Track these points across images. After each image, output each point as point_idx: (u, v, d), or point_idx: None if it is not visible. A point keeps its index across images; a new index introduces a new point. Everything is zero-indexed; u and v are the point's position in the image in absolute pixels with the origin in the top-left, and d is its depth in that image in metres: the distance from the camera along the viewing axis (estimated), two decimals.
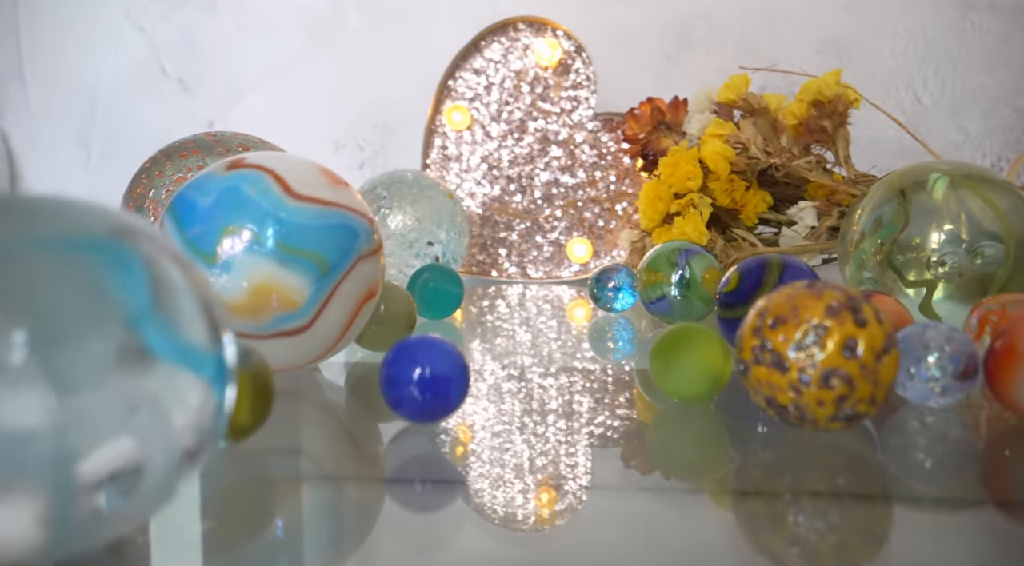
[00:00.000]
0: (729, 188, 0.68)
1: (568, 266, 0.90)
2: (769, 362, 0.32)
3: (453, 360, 0.35)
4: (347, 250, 0.41)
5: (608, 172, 0.89)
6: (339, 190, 0.43)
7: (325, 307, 0.41)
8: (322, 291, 0.40)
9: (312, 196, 0.41)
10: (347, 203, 0.43)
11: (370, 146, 1.10)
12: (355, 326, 0.43)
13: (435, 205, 0.73)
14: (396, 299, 0.50)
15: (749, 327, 0.34)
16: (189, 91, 1.12)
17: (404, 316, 0.50)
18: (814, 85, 0.72)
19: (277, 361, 0.42)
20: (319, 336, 0.41)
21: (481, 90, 0.90)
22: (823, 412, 0.32)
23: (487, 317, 0.70)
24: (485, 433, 0.38)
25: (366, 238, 0.43)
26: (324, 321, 0.41)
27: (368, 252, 0.43)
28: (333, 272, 0.41)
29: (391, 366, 0.35)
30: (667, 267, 0.58)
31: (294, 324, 0.40)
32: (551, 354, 0.54)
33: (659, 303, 0.59)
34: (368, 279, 0.43)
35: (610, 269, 0.66)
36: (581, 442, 0.36)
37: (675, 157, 0.69)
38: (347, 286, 0.41)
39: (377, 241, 0.44)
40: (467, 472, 0.33)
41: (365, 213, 0.44)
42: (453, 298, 0.62)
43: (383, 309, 0.50)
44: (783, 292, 0.34)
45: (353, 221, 0.42)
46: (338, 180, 0.44)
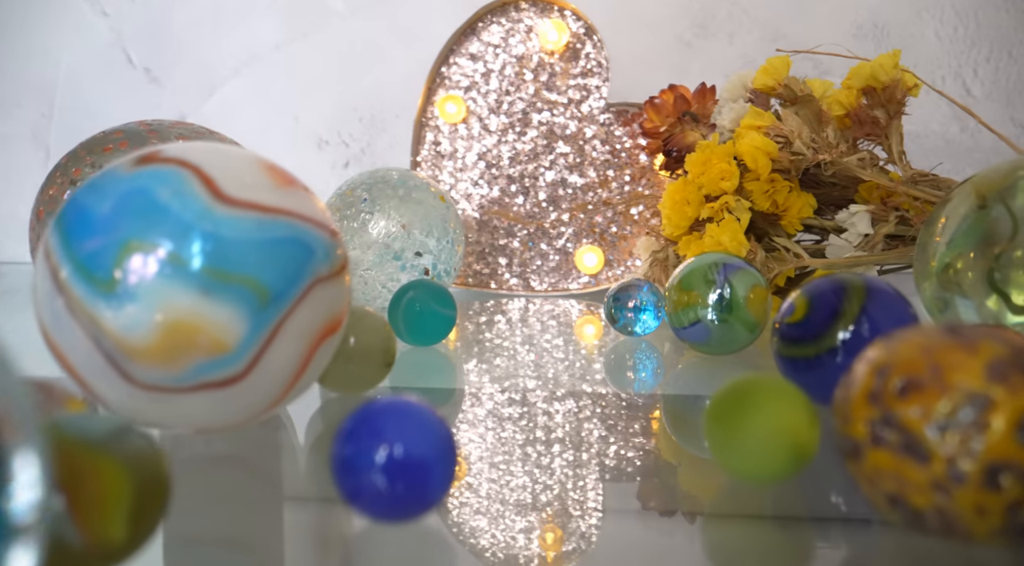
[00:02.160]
0: (770, 189, 0.58)
1: (576, 277, 0.80)
2: (897, 446, 0.22)
3: (434, 434, 0.25)
4: (297, 272, 0.31)
5: (622, 171, 0.78)
6: (289, 193, 0.32)
7: (267, 349, 0.30)
8: (262, 328, 0.30)
9: (250, 201, 0.31)
10: (299, 209, 0.32)
11: (356, 142, 1.00)
12: (310, 371, 0.33)
13: (424, 209, 0.63)
14: (369, 330, 0.40)
15: (862, 390, 0.24)
16: (157, 82, 1.02)
17: (380, 351, 0.40)
18: (866, 69, 0.61)
19: (201, 420, 0.32)
20: (258, 387, 0.31)
21: (478, 78, 0.80)
22: (985, 523, 0.22)
23: (485, 335, 0.63)
24: (482, 464, 0.34)
25: (324, 256, 0.33)
26: (265, 368, 0.31)
27: (328, 274, 0.33)
28: (277, 302, 0.30)
29: (347, 443, 0.25)
30: (703, 285, 0.48)
31: (223, 373, 0.30)
32: (557, 376, 0.49)
33: (693, 329, 0.49)
34: (328, 309, 0.33)
35: (630, 286, 0.56)
36: (591, 476, 0.32)
37: (706, 153, 0.59)
38: (297, 320, 0.31)
39: (340, 258, 0.34)
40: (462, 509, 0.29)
41: (324, 222, 0.33)
42: (444, 322, 0.52)
43: (353, 342, 0.39)
44: (912, 341, 0.23)
45: (306, 234, 0.32)
46: (288, 179, 0.33)
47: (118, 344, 0.29)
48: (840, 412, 0.25)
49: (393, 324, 0.52)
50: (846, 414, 0.24)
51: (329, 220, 0.34)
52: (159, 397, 0.29)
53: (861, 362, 0.24)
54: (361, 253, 0.61)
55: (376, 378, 0.40)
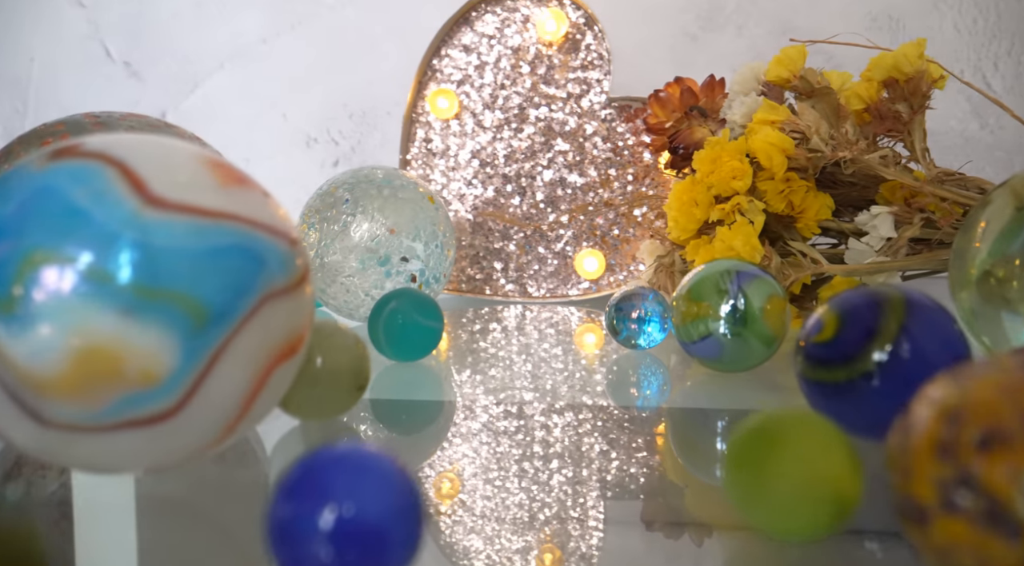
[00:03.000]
0: (786, 189, 0.53)
1: (576, 283, 0.75)
2: (978, 515, 0.18)
3: (396, 492, 0.20)
4: (243, 287, 0.26)
5: (625, 170, 0.74)
6: (236, 193, 0.28)
7: (205, 378, 0.26)
8: (198, 354, 0.25)
9: (186, 203, 0.26)
10: (247, 213, 0.27)
11: (346, 140, 0.96)
12: (262, 401, 0.28)
13: (411, 210, 0.58)
14: (339, 349, 0.35)
15: (928, 440, 0.19)
16: (137, 76, 0.97)
17: (350, 373, 0.35)
18: (888, 59, 0.57)
19: (128, 463, 0.27)
20: (196, 423, 0.26)
21: (472, 71, 0.75)
22: None
23: (479, 344, 0.59)
24: (476, 481, 0.32)
25: (279, 266, 0.28)
26: (204, 400, 0.26)
27: (283, 287, 0.28)
28: (218, 323, 0.26)
29: (285, 503, 0.20)
30: (714, 295, 0.43)
31: (152, 407, 0.25)
32: (556, 388, 0.46)
33: (704, 344, 0.44)
34: (284, 327, 0.28)
35: (634, 295, 0.51)
36: (591, 493, 0.31)
37: (716, 150, 0.54)
38: (244, 342, 0.26)
39: (299, 269, 0.29)
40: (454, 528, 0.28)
41: (279, 228, 0.29)
42: (428, 335, 0.47)
43: (320, 363, 0.34)
44: (989, 378, 0.19)
45: (256, 241, 0.27)
46: (236, 177, 0.29)
47: (22, 375, 0.24)
48: (898, 465, 0.20)
49: (373, 337, 0.47)
50: (907, 469, 0.19)
51: (287, 225, 0.29)
52: (75, 438, 0.25)
53: (924, 404, 0.20)
54: (342, 258, 0.56)
55: (346, 403, 0.36)
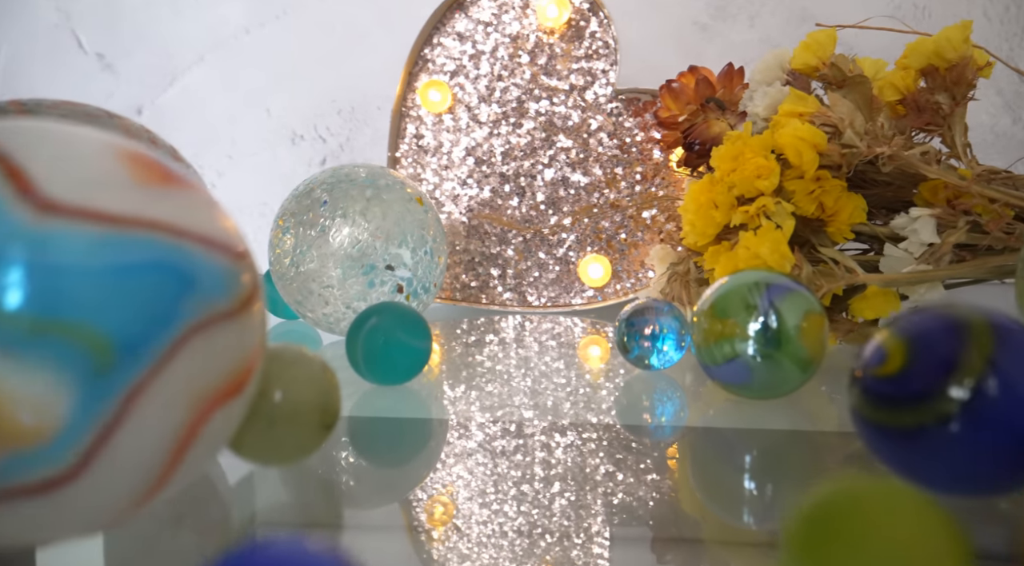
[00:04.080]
0: (816, 190, 0.47)
1: (580, 291, 0.69)
2: None
3: None
4: (164, 314, 0.21)
5: (632, 168, 0.68)
6: (158, 194, 0.22)
7: (113, 431, 0.20)
8: (103, 401, 0.20)
9: (89, 207, 0.20)
10: (174, 220, 0.22)
11: (334, 137, 0.90)
12: (195, 454, 0.23)
13: (397, 213, 0.52)
14: (302, 380, 0.29)
15: None
16: (111, 69, 0.91)
17: (315, 409, 0.29)
18: (928, 45, 0.51)
19: (16, 538, 0.21)
20: (102, 488, 0.21)
21: (466, 61, 0.69)
22: None
23: (475, 357, 0.55)
24: (471, 504, 0.30)
25: (216, 286, 0.22)
26: (111, 459, 0.20)
27: (222, 312, 0.22)
28: (129, 361, 0.20)
29: None
30: (742, 312, 0.38)
31: (43, 471, 0.19)
32: (558, 405, 0.43)
33: (730, 368, 0.38)
34: (223, 362, 0.23)
35: (647, 308, 0.45)
36: (596, 518, 0.29)
37: (737, 146, 0.48)
38: (165, 385, 0.21)
39: (245, 288, 0.23)
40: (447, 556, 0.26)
41: (218, 238, 0.23)
42: (414, 356, 0.41)
43: (280, 398, 0.29)
44: None
45: (182, 255, 0.22)
46: (161, 174, 0.23)
47: None
48: None
49: (352, 359, 0.41)
50: None
51: (230, 234, 0.24)
52: None
53: None
54: (320, 266, 0.51)
55: (310, 444, 0.30)
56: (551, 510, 0.30)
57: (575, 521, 0.29)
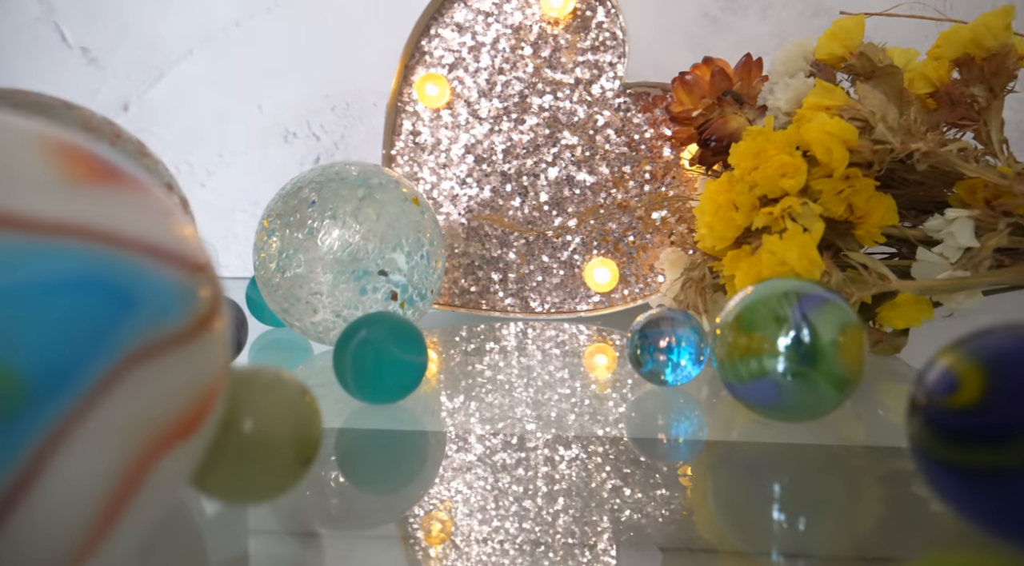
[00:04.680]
0: (846, 189, 0.44)
1: (586, 296, 0.65)
2: None
3: None
4: (94, 341, 0.17)
5: (641, 167, 0.64)
6: (94, 195, 0.18)
7: (29, 483, 0.16)
8: (15, 449, 0.16)
9: (3, 210, 0.17)
10: (109, 225, 0.18)
11: (328, 135, 0.87)
12: (138, 506, 0.19)
13: (392, 214, 0.49)
14: (277, 407, 0.26)
15: None
16: (96, 64, 0.88)
17: (291, 441, 0.26)
18: (964, 33, 0.47)
19: None
20: (18, 549, 0.17)
21: (465, 54, 0.66)
22: None
23: (475, 366, 0.52)
24: (471, 521, 0.28)
25: (164, 306, 0.19)
26: (28, 516, 0.17)
27: (171, 336, 0.19)
28: (49, 400, 0.16)
29: None
30: (771, 325, 0.34)
31: None
32: (562, 416, 0.41)
33: (757, 387, 0.34)
34: (173, 395, 0.19)
35: (662, 319, 0.41)
36: (603, 535, 0.27)
37: (759, 142, 0.45)
38: (97, 426, 0.17)
39: (202, 306, 0.20)
40: None
41: (169, 247, 0.19)
42: (408, 372, 0.38)
43: (250, 428, 0.25)
44: None
45: (121, 268, 0.18)
46: (101, 170, 0.19)
47: None
48: None
49: (339, 375, 0.38)
50: None
51: (186, 243, 0.20)
52: None
53: None
54: (308, 271, 0.47)
55: (285, 481, 0.26)
56: (555, 527, 0.28)
57: (580, 539, 0.28)
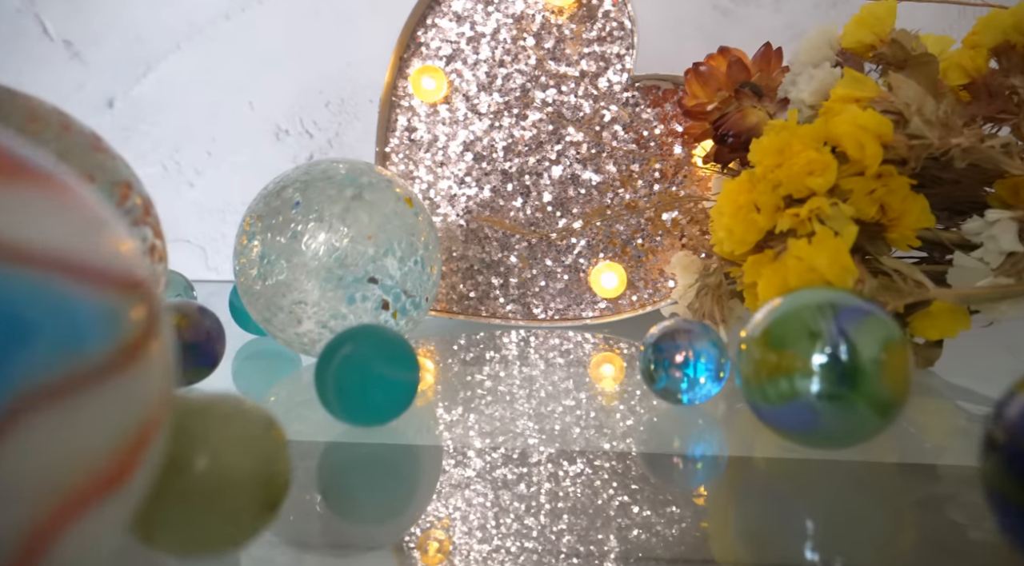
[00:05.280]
0: (878, 189, 0.40)
1: (591, 302, 0.62)
2: None
3: None
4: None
5: (650, 165, 0.60)
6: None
7: None
8: None
9: None
10: (7, 236, 0.14)
11: (322, 132, 0.83)
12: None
13: (383, 216, 0.45)
14: (239, 443, 0.22)
15: None
16: (79, 58, 0.84)
17: (255, 483, 0.22)
18: (1005, 19, 0.44)
19: None
20: None
21: (464, 45, 0.62)
22: None
23: (474, 376, 0.50)
24: (469, 540, 0.27)
25: (77, 334, 0.15)
26: None
27: (88, 371, 0.15)
28: None
29: None
30: (804, 341, 0.30)
31: None
32: (566, 430, 0.39)
33: (788, 410, 0.31)
34: (90, 442, 0.15)
35: (678, 331, 0.38)
36: (609, 555, 0.26)
37: (783, 137, 0.41)
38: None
39: (135, 329, 0.16)
40: None
41: (89, 261, 0.16)
42: (397, 391, 0.34)
43: (206, 469, 0.21)
44: None
45: (19, 289, 0.14)
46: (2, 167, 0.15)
47: None
48: None
49: (322, 395, 0.34)
50: None
51: (115, 256, 0.16)
52: None
53: None
54: (291, 278, 0.43)
55: (248, 529, 0.22)
56: (558, 547, 0.27)
57: (585, 559, 0.27)
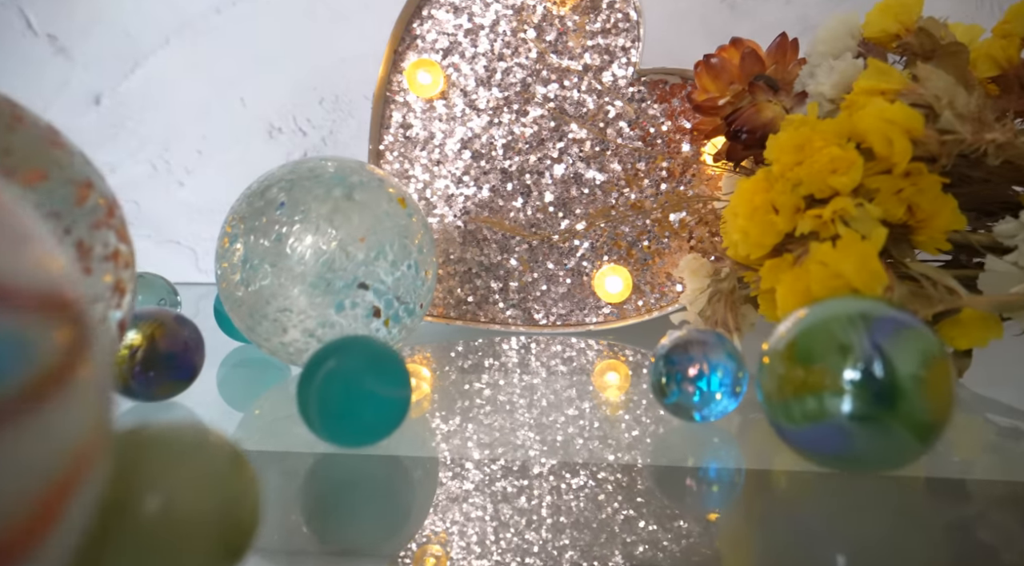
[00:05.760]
0: (908, 188, 0.37)
1: (595, 307, 0.59)
2: None
3: None
4: None
5: (657, 164, 0.57)
6: None
7: None
8: None
9: None
10: None
11: (316, 130, 0.80)
12: None
13: (374, 218, 0.42)
14: (198, 478, 0.19)
15: None
16: (65, 53, 0.81)
17: (217, 525, 0.19)
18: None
19: None
20: None
21: (461, 37, 0.59)
22: None
23: (472, 385, 0.48)
24: (468, 555, 0.26)
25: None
26: None
27: (7, 401, 0.12)
28: None
29: None
30: (835, 355, 0.27)
31: None
32: (569, 441, 0.38)
33: (817, 432, 0.28)
34: (2, 482, 0.12)
35: (691, 342, 0.35)
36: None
37: (803, 133, 0.38)
38: None
39: (60, 352, 0.13)
40: None
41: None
42: (385, 410, 0.31)
43: (157, 508, 0.18)
44: None
45: None
46: None
47: None
48: None
49: (304, 413, 0.31)
50: None
51: (29, 274, 0.13)
52: None
53: None
54: (276, 283, 0.40)
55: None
56: (560, 563, 0.27)
57: None
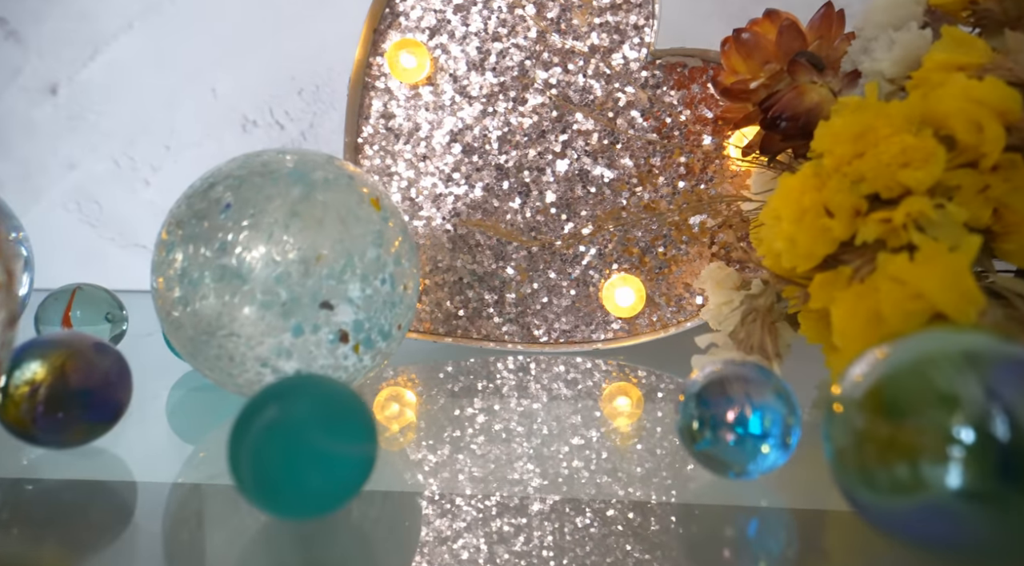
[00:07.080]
0: (999, 185, 0.30)
1: (603, 322, 0.52)
2: None
3: None
4: None
5: (674, 158, 0.50)
6: None
7: None
8: None
9: None
10: None
11: (294, 123, 0.74)
12: None
13: (340, 222, 0.35)
14: None
15: None
16: (16, 38, 0.75)
17: None
18: None
19: None
20: None
21: (451, 14, 0.52)
22: None
23: (464, 411, 0.44)
24: None
25: None
26: None
27: None
28: None
29: None
30: (938, 409, 0.20)
31: None
32: (573, 474, 0.35)
33: (916, 513, 0.21)
34: None
35: (730, 379, 0.28)
36: None
37: (864, 119, 0.31)
38: None
39: None
40: None
41: None
42: (342, 471, 0.24)
43: None
44: None
45: None
46: None
47: None
48: None
49: (237, 478, 0.24)
50: None
51: None
52: None
53: None
54: (221, 302, 0.33)
55: None
56: None
57: None
